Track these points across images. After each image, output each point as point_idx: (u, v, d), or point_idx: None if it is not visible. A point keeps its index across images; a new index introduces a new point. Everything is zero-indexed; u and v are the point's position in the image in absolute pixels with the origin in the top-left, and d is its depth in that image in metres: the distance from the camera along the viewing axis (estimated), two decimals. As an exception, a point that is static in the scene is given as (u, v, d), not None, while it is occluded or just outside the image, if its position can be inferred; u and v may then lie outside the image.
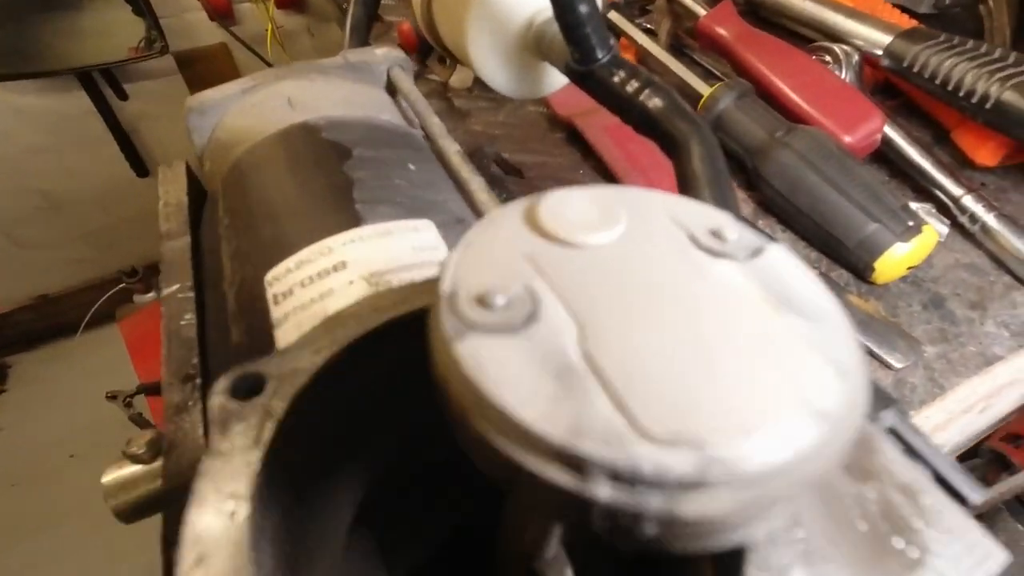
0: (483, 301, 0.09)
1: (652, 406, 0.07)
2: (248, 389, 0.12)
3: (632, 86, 0.24)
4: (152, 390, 1.62)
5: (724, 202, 0.20)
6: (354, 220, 0.22)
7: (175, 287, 0.29)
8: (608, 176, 0.52)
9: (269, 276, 0.21)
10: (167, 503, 0.35)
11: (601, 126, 0.52)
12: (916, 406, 0.40)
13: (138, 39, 1.48)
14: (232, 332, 0.22)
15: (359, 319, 0.13)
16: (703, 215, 0.11)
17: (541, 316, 0.09)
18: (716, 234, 0.10)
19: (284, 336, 0.19)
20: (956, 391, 0.41)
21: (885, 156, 0.51)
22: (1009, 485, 0.47)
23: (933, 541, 0.10)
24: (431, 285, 0.15)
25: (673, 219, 0.11)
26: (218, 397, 0.12)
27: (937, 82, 0.48)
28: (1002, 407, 0.52)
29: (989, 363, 0.41)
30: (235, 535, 0.10)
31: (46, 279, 2.05)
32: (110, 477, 0.32)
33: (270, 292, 0.21)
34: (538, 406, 0.07)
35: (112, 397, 1.77)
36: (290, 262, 0.21)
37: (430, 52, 0.65)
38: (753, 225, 0.12)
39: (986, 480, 0.62)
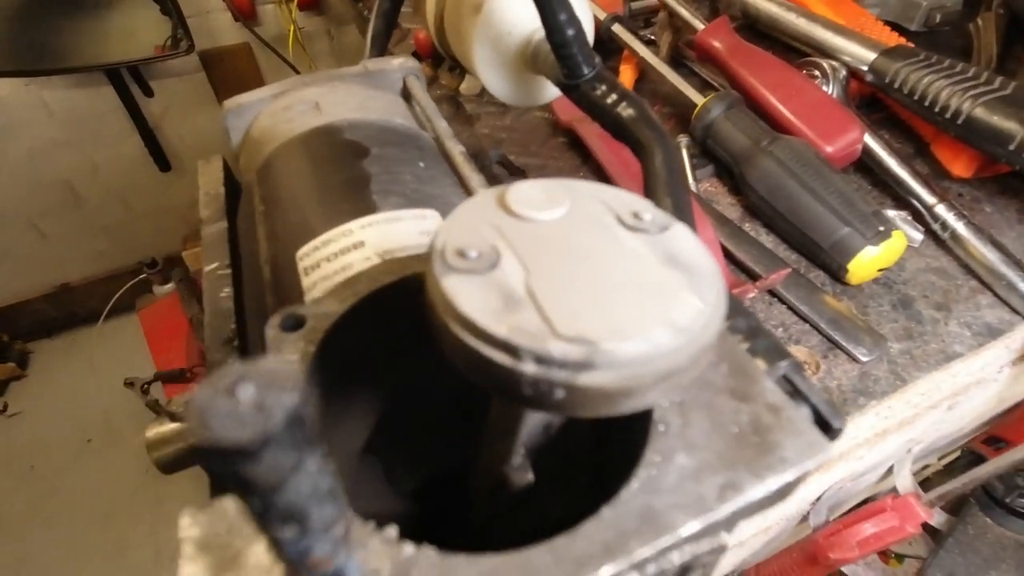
0: (461, 253, 0.13)
1: (565, 319, 0.11)
2: (293, 325, 0.16)
3: (611, 98, 0.28)
4: (169, 378, 1.66)
5: (677, 198, 0.24)
6: (370, 208, 0.26)
7: (215, 265, 0.33)
8: (604, 178, 0.56)
9: (299, 253, 0.25)
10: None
11: (598, 132, 0.56)
12: (879, 397, 0.43)
13: (165, 38, 1.54)
14: (268, 299, 0.26)
15: (372, 279, 0.17)
16: (628, 202, 0.15)
17: (500, 265, 0.13)
18: (636, 215, 0.14)
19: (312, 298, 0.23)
20: (917, 384, 0.44)
21: (866, 166, 0.55)
22: (971, 476, 0.50)
23: (784, 438, 0.14)
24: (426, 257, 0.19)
25: (604, 204, 0.15)
26: (272, 329, 0.16)
27: (915, 97, 0.52)
28: (971, 405, 0.55)
29: (949, 360, 0.45)
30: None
31: (67, 269, 2.12)
32: (152, 432, 0.37)
33: (300, 266, 0.25)
34: (491, 316, 0.11)
35: (130, 384, 1.82)
36: (317, 241, 0.25)
37: (443, 60, 0.69)
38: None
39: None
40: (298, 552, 0.08)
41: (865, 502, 0.60)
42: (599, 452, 0.19)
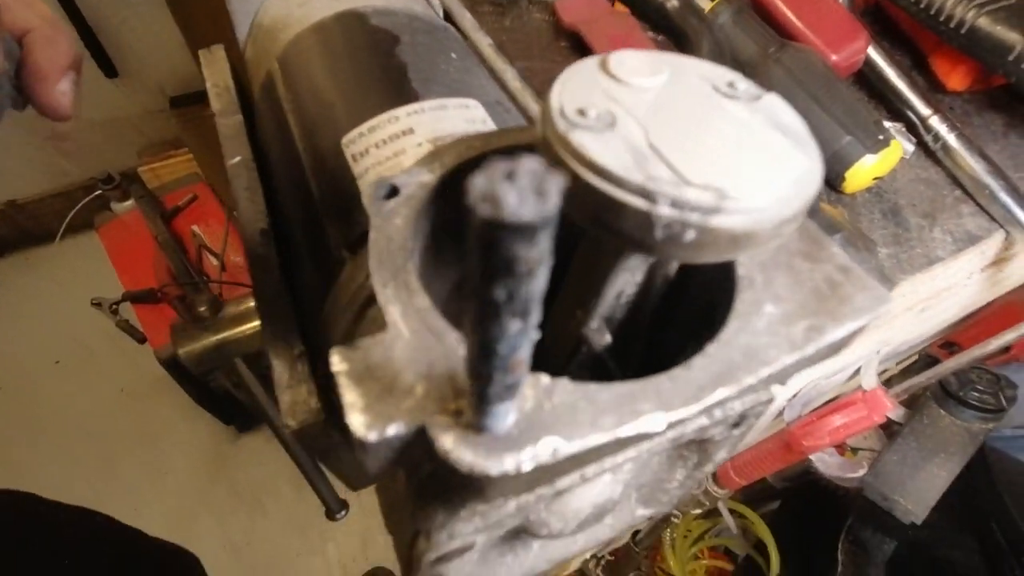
0: (582, 112, 0.13)
1: (694, 171, 0.12)
2: (388, 193, 0.16)
3: (655, -13, 0.27)
4: (139, 298, 1.62)
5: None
6: (413, 96, 0.26)
7: (237, 159, 0.32)
8: (610, 85, 0.55)
9: (345, 140, 0.25)
10: (226, 355, 0.40)
11: (606, 35, 0.55)
12: (866, 297, 0.46)
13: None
14: (312, 186, 0.26)
15: (458, 153, 0.18)
16: (722, 73, 0.15)
17: (618, 125, 0.13)
18: (731, 84, 0.15)
19: (366, 184, 0.23)
20: (901, 286, 0.47)
21: (865, 77, 0.55)
22: (933, 372, 0.55)
23: (854, 292, 0.15)
24: (508, 132, 0.20)
25: (700, 74, 0.15)
26: (368, 198, 0.16)
27: (921, 6, 0.52)
28: (939, 310, 0.59)
29: (931, 264, 0.48)
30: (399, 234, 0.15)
31: (14, 185, 1.99)
32: (178, 331, 0.37)
33: (348, 152, 0.25)
34: (625, 167, 0.12)
35: (97, 304, 1.77)
36: (363, 128, 0.25)
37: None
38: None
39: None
40: (511, 348, 0.09)
41: (832, 401, 0.66)
42: (657, 325, 0.20)
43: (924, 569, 0.77)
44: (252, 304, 0.38)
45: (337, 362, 0.12)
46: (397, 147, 0.24)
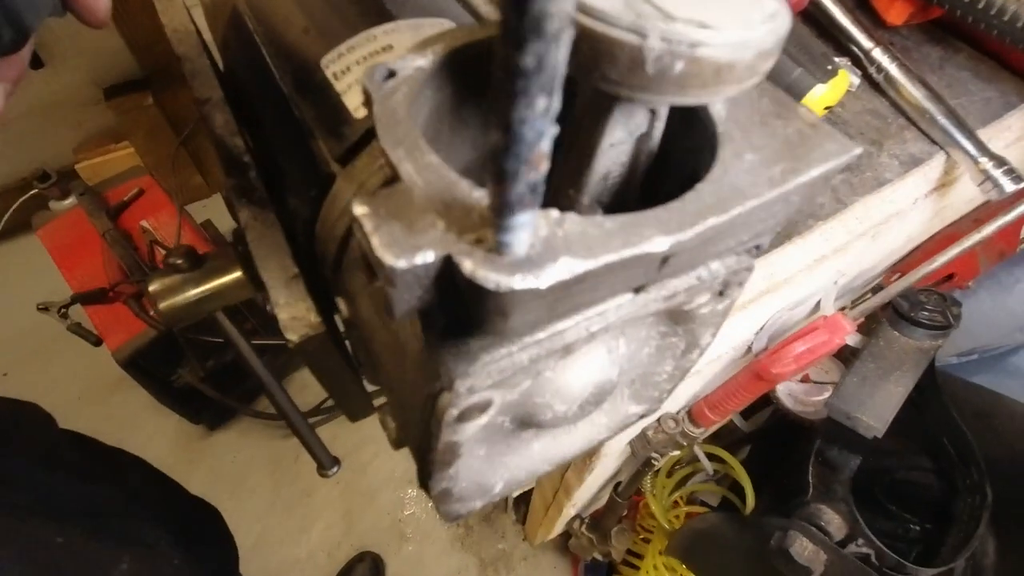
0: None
1: (680, 10, 0.13)
2: (386, 75, 0.17)
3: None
4: (89, 298, 1.55)
5: None
6: (387, 16, 0.26)
7: (209, 96, 0.32)
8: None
9: (324, 60, 0.25)
10: (207, 309, 0.40)
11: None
12: (824, 218, 0.49)
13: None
14: (298, 107, 0.26)
15: (447, 43, 0.18)
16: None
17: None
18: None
19: (351, 100, 0.24)
20: (854, 208, 0.50)
21: (811, 15, 0.58)
22: (880, 295, 0.59)
23: (823, 142, 0.17)
24: (491, 24, 0.20)
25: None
26: (370, 81, 0.17)
27: (859, -56, 0.54)
28: (890, 238, 0.63)
29: (881, 185, 0.51)
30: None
31: (-61, 185, 1.87)
32: (157, 284, 0.37)
33: (328, 71, 0.25)
34: (616, 9, 0.13)
35: (44, 309, 1.68)
36: (341, 48, 0.25)
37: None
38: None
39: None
40: (538, 133, 0.10)
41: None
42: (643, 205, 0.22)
43: (884, 490, 0.82)
44: (231, 251, 0.37)
45: (359, 207, 0.13)
46: (378, 63, 0.24)
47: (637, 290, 0.17)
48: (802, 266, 0.53)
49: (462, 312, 0.14)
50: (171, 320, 0.38)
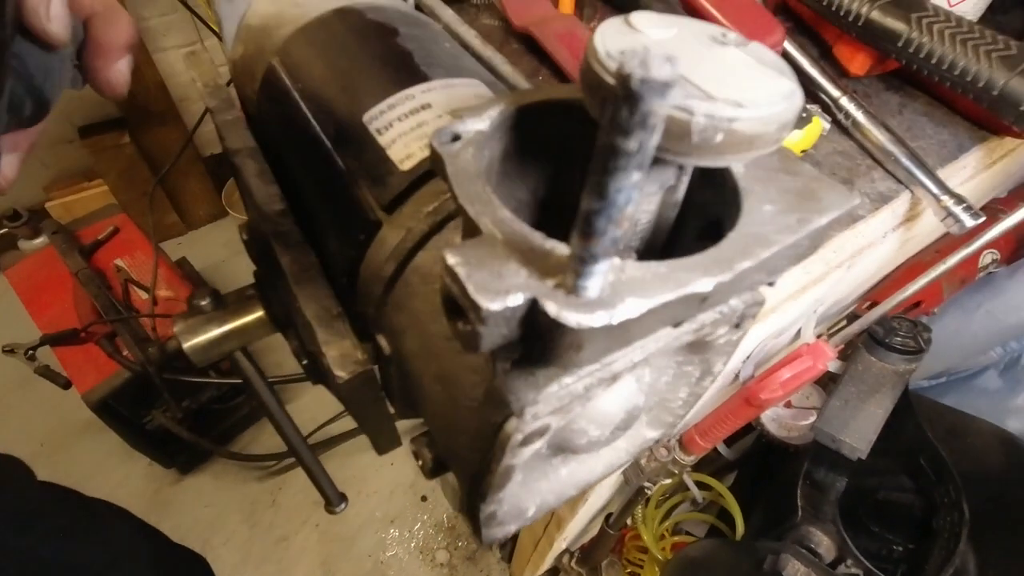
0: (622, 53, 0.17)
1: (715, 90, 0.16)
2: (452, 138, 0.19)
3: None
4: (59, 340, 1.50)
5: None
6: (422, 77, 0.29)
7: (244, 148, 0.34)
8: (564, 78, 0.60)
9: (366, 117, 0.28)
10: (227, 348, 0.41)
11: (555, 34, 0.59)
12: (804, 254, 0.53)
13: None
14: (338, 160, 0.28)
15: (500, 108, 0.21)
16: (711, 28, 0.20)
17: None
18: (723, 35, 0.19)
19: (396, 153, 0.26)
20: (831, 243, 0.54)
21: (783, 66, 0.63)
22: (857, 324, 0.63)
23: (828, 195, 0.20)
24: (539, 90, 0.23)
25: (699, 29, 0.19)
26: (438, 143, 0.19)
27: (823, 3, 0.60)
28: (863, 267, 0.67)
29: (855, 222, 0.55)
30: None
31: (-98, 227, 1.82)
32: (181, 324, 0.38)
33: (372, 127, 0.27)
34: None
35: (10, 351, 1.62)
36: (382, 105, 0.28)
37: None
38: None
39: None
40: (628, 199, 0.12)
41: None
42: (666, 252, 0.24)
43: (868, 511, 0.85)
44: (253, 292, 0.39)
45: (452, 257, 0.15)
46: (418, 119, 0.27)
47: (676, 324, 0.20)
48: (785, 295, 0.57)
49: (533, 347, 0.16)
50: (197, 359, 0.39)
